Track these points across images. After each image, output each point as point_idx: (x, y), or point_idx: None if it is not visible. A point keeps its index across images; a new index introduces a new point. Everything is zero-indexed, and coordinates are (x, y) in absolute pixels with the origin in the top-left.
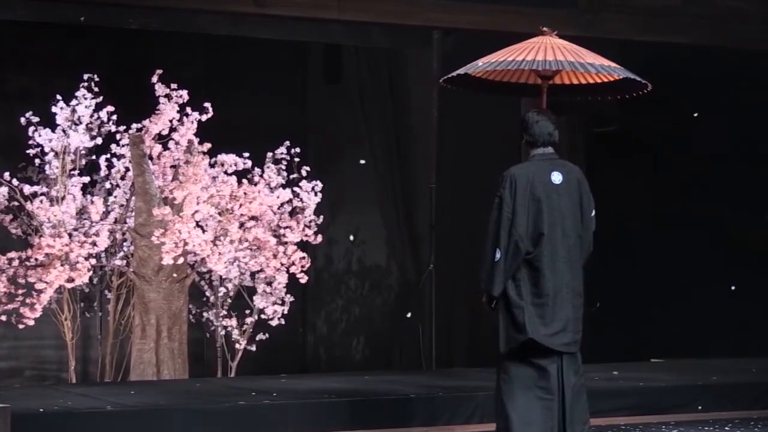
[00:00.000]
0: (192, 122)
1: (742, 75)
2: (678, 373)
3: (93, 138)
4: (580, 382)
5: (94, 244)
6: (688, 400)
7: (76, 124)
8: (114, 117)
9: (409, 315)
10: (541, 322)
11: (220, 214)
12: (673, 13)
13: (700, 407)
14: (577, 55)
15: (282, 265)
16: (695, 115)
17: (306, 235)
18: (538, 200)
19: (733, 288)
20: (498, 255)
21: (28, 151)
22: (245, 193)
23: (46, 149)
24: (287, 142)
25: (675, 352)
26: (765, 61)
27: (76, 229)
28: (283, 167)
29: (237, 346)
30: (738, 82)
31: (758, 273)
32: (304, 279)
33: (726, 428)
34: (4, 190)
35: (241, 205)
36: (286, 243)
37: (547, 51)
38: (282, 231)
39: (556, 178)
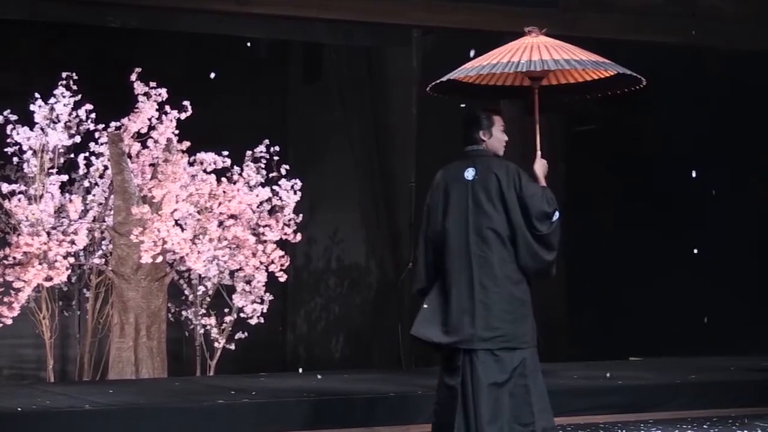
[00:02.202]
0: (171, 120)
1: (722, 74)
2: (656, 372)
3: (71, 136)
4: (497, 381)
5: (72, 242)
6: (667, 398)
7: (54, 123)
8: (93, 115)
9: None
10: (439, 318)
11: (199, 212)
12: (653, 12)
13: (673, 400)
14: (565, 52)
15: (261, 263)
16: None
17: (285, 234)
18: (447, 197)
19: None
20: (417, 253)
21: (6, 150)
22: (224, 192)
23: (25, 147)
24: (266, 141)
25: (653, 351)
26: (745, 60)
27: (54, 228)
28: (263, 166)
29: (216, 344)
30: (718, 80)
31: (738, 272)
32: (283, 277)
33: (704, 426)
34: None
35: (220, 204)
36: (265, 241)
37: (533, 51)
38: (261, 229)
39: (469, 174)
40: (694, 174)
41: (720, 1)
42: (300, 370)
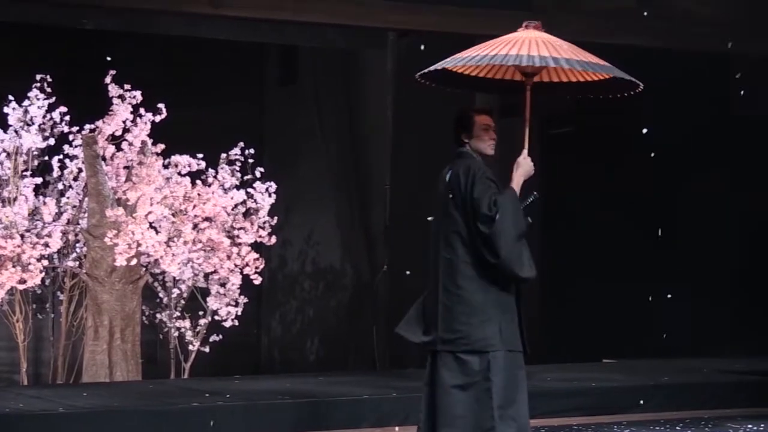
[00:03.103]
0: (145, 123)
1: (697, 76)
2: (630, 374)
3: (45, 139)
4: (460, 384)
5: (46, 245)
6: (640, 400)
7: (28, 125)
8: (67, 118)
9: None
10: (421, 320)
11: (173, 215)
12: (627, 15)
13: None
14: (565, 51)
15: (236, 266)
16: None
17: (260, 236)
18: (436, 200)
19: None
20: None
21: None
22: (199, 194)
23: None
24: (241, 143)
25: (627, 353)
26: (719, 63)
27: (28, 230)
28: (237, 168)
29: (190, 347)
30: (692, 83)
31: (711, 273)
32: (258, 280)
33: (677, 428)
34: None
35: (194, 206)
36: (240, 244)
37: (531, 46)
38: (236, 232)
39: (447, 176)
40: (671, 176)
41: (693, 4)
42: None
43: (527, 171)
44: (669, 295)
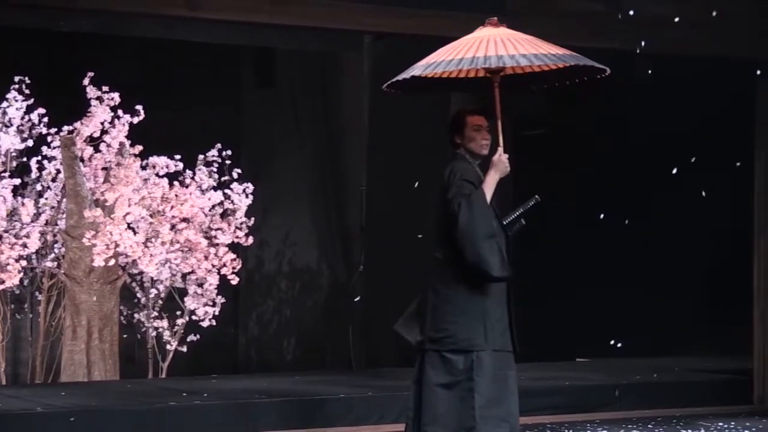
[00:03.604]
0: (123, 125)
1: (666, 79)
2: (603, 373)
3: (24, 140)
4: (444, 382)
5: (24, 245)
6: (613, 398)
7: (6, 126)
8: (45, 119)
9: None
10: (416, 317)
11: (151, 215)
12: (600, 17)
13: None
14: (524, 46)
15: (213, 266)
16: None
17: (237, 237)
18: None
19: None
20: None
21: None
22: (176, 195)
23: None
24: (219, 145)
25: (600, 352)
26: (688, 66)
27: (6, 231)
28: (215, 169)
29: (168, 347)
30: (661, 85)
31: (683, 273)
32: (235, 280)
33: (649, 426)
34: None
35: (172, 207)
36: (217, 245)
37: (489, 46)
38: (213, 233)
39: (442, 177)
40: (642, 177)
41: (662, 8)
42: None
43: (502, 170)
44: (641, 295)
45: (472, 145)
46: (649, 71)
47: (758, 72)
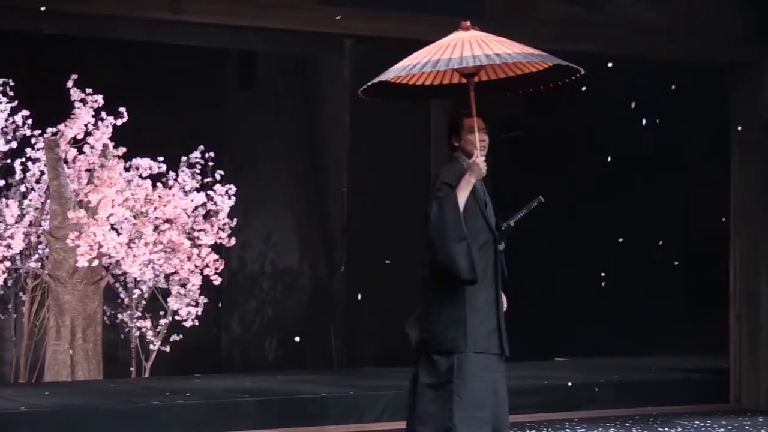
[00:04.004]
0: (107, 127)
1: (645, 82)
2: (581, 372)
3: (8, 142)
4: (430, 383)
5: (8, 246)
6: (591, 397)
7: None
8: (29, 121)
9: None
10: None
11: (134, 217)
12: (578, 22)
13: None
14: (498, 46)
15: (196, 267)
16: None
17: (220, 238)
18: None
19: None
20: None
21: None
22: (160, 197)
23: None
24: (201, 147)
25: (578, 352)
26: (667, 70)
27: None
28: (198, 171)
29: (151, 347)
30: (641, 89)
31: (661, 274)
32: (218, 281)
33: (627, 424)
34: None
35: (155, 208)
36: (200, 245)
37: (464, 47)
38: (196, 234)
39: None
40: (620, 179)
41: (642, 11)
42: None
43: (477, 173)
44: (619, 296)
45: (470, 147)
46: (625, 74)
47: (732, 75)
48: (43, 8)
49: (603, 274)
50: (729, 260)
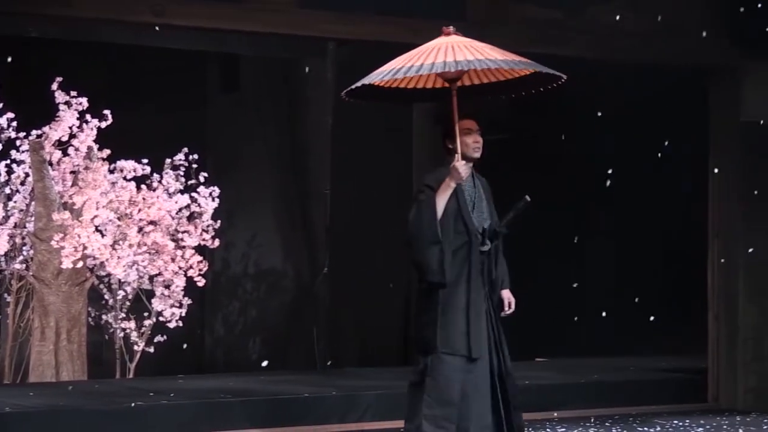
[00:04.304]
0: (92, 129)
1: (623, 85)
2: (562, 372)
3: None
4: (413, 381)
5: None
6: (571, 397)
7: None
8: (14, 123)
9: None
10: None
11: (119, 218)
12: (558, 26)
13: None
14: (480, 52)
15: (180, 268)
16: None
17: (204, 239)
18: None
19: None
20: None
21: None
22: (144, 199)
23: None
24: (185, 149)
25: (559, 352)
26: (643, 73)
27: None
28: (182, 173)
29: (135, 347)
30: (618, 92)
31: (641, 274)
32: (201, 282)
33: (606, 424)
34: None
35: (139, 210)
36: (184, 247)
37: (447, 52)
38: (180, 235)
39: None
40: (598, 180)
41: (621, 15)
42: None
43: (456, 177)
44: (599, 296)
45: (464, 148)
46: (604, 78)
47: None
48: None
49: (583, 275)
50: (707, 261)
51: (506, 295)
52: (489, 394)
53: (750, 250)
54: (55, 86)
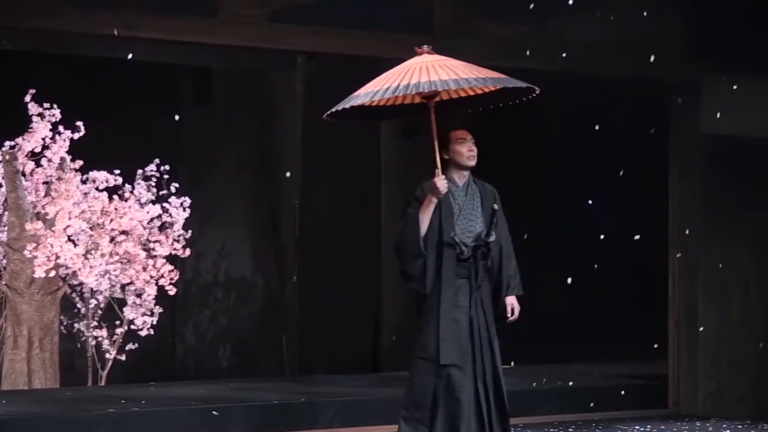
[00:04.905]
0: (64, 140)
1: (589, 99)
2: (525, 379)
3: None
4: None
5: None
6: (535, 403)
7: None
8: None
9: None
10: None
11: (91, 228)
12: (522, 40)
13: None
14: (454, 71)
15: (151, 277)
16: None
17: (175, 249)
18: None
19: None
20: None
21: None
22: (116, 209)
23: None
24: (157, 160)
25: (523, 359)
26: (611, 86)
27: None
28: (153, 184)
29: (107, 355)
30: (585, 105)
31: (603, 283)
32: (172, 291)
33: (570, 429)
34: None
35: (111, 220)
36: (155, 256)
37: (422, 73)
38: (151, 245)
39: None
40: (562, 188)
41: (585, 29)
42: None
43: (434, 192)
44: (562, 304)
45: (459, 158)
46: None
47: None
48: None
49: (545, 282)
50: (668, 270)
51: (509, 301)
52: (473, 400)
53: (709, 259)
54: (28, 98)
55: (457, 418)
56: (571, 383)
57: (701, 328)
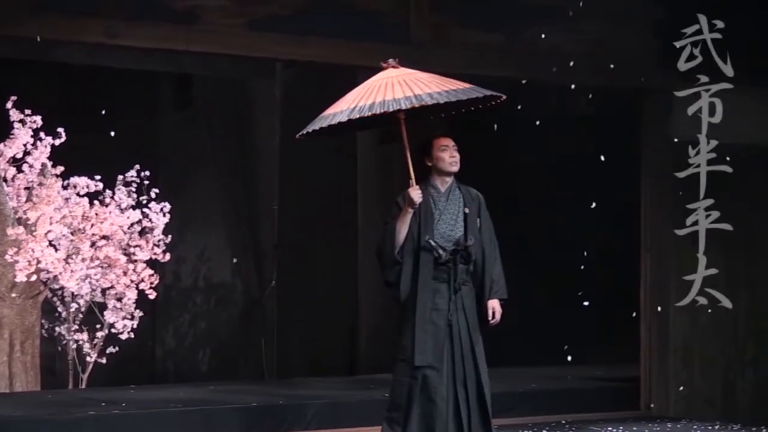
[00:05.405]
0: (45, 146)
1: (559, 106)
2: (498, 381)
3: None
4: None
5: None
6: (509, 406)
7: None
8: None
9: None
10: None
11: (72, 233)
12: (498, 48)
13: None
14: (419, 86)
15: (132, 282)
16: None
17: (155, 254)
18: None
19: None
20: None
21: None
22: (97, 214)
23: None
24: (137, 166)
25: (496, 361)
26: (582, 94)
27: None
28: (134, 189)
29: (88, 359)
30: (557, 112)
31: (577, 287)
32: (153, 295)
33: (544, 431)
34: None
35: (92, 225)
36: (135, 261)
37: (387, 90)
38: (132, 249)
39: None
40: (540, 193)
41: (559, 38)
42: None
43: (410, 201)
44: (535, 307)
45: (441, 164)
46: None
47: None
48: None
49: (520, 286)
50: (640, 275)
51: (491, 304)
52: (451, 403)
53: (680, 263)
54: (9, 105)
55: (433, 419)
56: (544, 385)
57: (672, 331)
